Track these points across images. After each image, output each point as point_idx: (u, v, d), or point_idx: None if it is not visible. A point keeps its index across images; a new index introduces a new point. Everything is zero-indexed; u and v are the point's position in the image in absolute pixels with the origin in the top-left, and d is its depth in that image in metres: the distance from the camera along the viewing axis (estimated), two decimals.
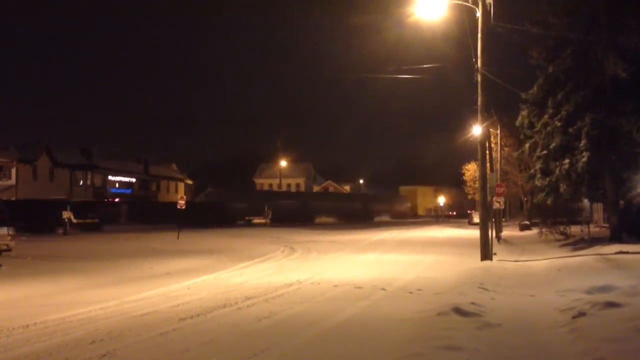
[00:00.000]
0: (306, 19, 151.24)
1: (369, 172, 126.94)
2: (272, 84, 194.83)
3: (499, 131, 42.73)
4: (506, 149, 51.87)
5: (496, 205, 25.61)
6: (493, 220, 27.23)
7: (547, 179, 26.63)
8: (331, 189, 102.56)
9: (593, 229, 34.29)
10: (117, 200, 63.60)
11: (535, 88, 26.96)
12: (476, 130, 23.95)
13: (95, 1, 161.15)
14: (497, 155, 41.77)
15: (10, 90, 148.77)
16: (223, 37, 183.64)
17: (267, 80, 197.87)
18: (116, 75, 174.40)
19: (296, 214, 65.94)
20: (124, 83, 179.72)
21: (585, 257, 19.77)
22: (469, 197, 71.39)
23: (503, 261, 19.95)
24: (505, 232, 40.28)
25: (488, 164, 27.14)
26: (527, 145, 28.56)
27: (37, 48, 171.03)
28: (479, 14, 19.70)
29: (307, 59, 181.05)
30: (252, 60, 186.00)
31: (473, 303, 10.26)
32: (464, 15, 20.11)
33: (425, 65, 28.11)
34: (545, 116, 26.47)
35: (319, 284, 14.64)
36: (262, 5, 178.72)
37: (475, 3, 19.67)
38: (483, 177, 21.13)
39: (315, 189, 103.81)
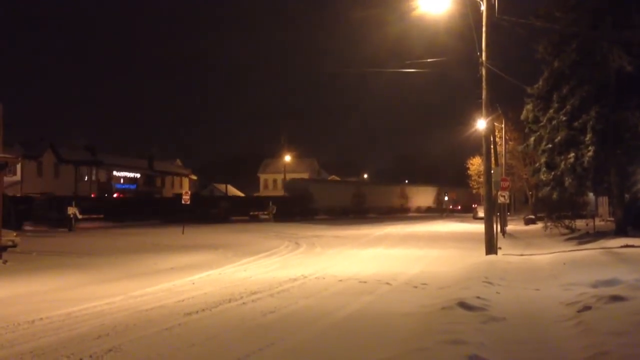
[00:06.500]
0: (309, 14, 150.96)
1: (373, 167, 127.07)
2: (276, 80, 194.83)
3: (503, 125, 42.58)
4: (511, 143, 51.72)
5: (501, 200, 25.58)
6: (498, 214, 27.17)
7: (552, 173, 26.57)
8: None
9: (598, 222, 34.22)
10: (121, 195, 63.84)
11: (540, 82, 26.87)
12: (481, 124, 23.86)
13: None
14: (501, 149, 41.62)
15: (14, 87, 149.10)
16: (226, 34, 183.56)
17: (270, 77, 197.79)
18: (120, 72, 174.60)
19: None
20: (127, 80, 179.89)
21: (590, 251, 19.73)
22: (474, 191, 71.30)
23: (508, 255, 19.92)
24: (510, 226, 40.24)
25: (493, 158, 27.06)
26: (532, 139, 28.49)
27: (41, 45, 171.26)
28: (483, 7, 19.64)
29: (310, 54, 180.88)
30: (255, 56, 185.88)
31: (478, 297, 10.25)
32: (468, 9, 20.05)
33: (429, 60, 27.99)
34: (551, 110, 26.38)
35: (323, 278, 14.65)
36: (265, 2, 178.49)
37: None
38: (488, 171, 21.08)
39: None
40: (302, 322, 9.11)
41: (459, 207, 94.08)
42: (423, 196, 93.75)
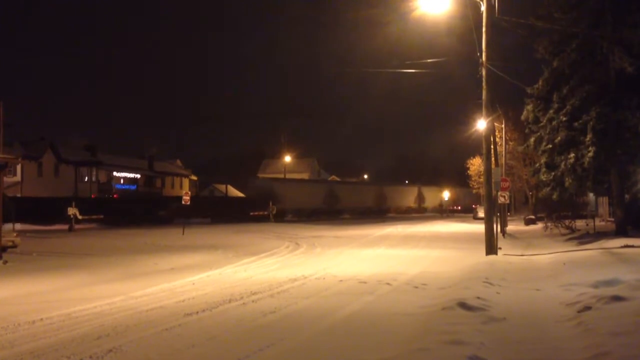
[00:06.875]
0: (308, 13, 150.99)
1: (373, 167, 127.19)
2: (276, 80, 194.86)
3: (503, 125, 42.60)
4: (511, 143, 51.71)
5: (501, 200, 25.57)
6: (498, 214, 27.16)
7: (553, 174, 26.58)
8: None
9: (598, 223, 34.22)
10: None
11: (540, 82, 26.88)
12: (481, 124, 23.85)
13: None
14: (501, 149, 41.64)
15: (14, 87, 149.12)
16: (227, 33, 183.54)
17: (271, 77, 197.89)
18: (120, 72, 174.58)
19: None
20: (127, 80, 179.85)
21: (590, 251, 19.72)
22: (474, 191, 71.30)
23: (508, 255, 19.90)
24: (511, 227, 40.24)
25: (493, 159, 27.04)
26: (532, 139, 28.50)
27: (40, 44, 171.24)
28: (483, 7, 19.62)
29: (310, 54, 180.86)
30: (256, 56, 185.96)
31: (478, 297, 10.24)
32: (469, 9, 20.04)
33: (429, 60, 28.11)
34: (551, 110, 26.39)
35: (324, 278, 14.64)
36: (265, 2, 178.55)
37: None
38: (488, 171, 21.07)
39: None
40: (303, 323, 9.11)
41: (459, 207, 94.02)
42: (403, 196, 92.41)
